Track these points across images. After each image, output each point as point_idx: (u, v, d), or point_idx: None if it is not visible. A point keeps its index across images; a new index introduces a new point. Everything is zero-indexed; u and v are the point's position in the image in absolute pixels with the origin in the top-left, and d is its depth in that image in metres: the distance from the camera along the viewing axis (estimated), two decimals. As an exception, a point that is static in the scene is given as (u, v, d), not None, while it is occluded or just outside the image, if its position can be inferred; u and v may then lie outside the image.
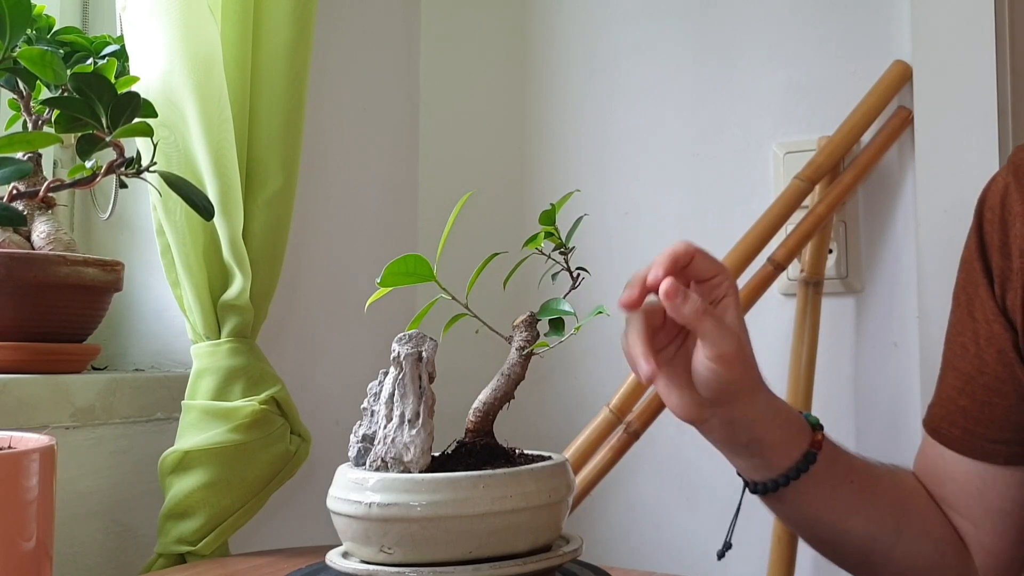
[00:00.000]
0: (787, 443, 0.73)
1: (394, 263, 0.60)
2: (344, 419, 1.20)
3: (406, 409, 0.58)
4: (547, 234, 0.65)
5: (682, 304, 0.64)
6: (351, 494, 0.57)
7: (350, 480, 0.58)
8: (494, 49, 1.37)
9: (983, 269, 0.76)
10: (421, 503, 0.54)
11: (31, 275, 0.84)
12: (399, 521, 0.55)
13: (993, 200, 0.77)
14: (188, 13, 0.87)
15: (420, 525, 0.55)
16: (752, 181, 1.17)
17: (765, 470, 0.74)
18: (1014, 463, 0.75)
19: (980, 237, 0.77)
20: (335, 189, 1.21)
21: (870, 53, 1.11)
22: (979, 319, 0.76)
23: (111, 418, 0.91)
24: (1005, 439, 0.74)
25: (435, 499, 0.55)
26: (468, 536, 0.55)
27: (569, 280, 0.66)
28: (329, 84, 1.19)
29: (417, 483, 0.55)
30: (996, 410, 0.74)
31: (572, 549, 0.60)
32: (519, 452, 0.63)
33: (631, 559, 1.22)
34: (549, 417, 1.27)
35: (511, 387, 0.62)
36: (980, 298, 0.76)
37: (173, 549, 0.87)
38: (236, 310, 0.91)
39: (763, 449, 0.72)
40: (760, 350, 1.16)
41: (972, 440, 0.76)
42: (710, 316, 0.65)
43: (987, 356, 0.75)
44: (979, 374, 0.75)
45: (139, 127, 0.67)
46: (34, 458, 0.50)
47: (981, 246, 0.77)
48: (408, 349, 0.59)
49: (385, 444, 0.58)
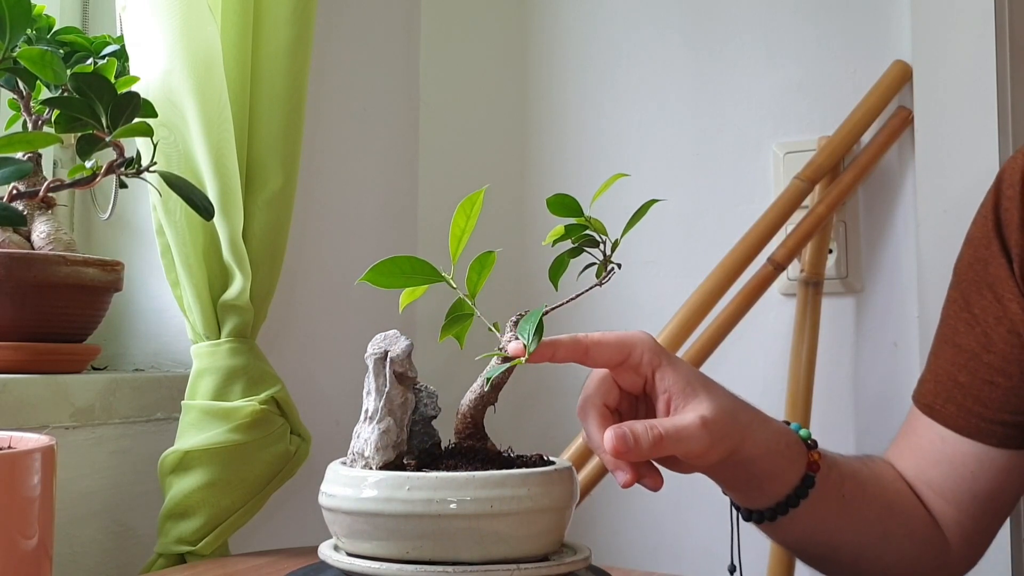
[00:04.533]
0: (785, 470, 0.69)
1: (384, 263, 0.59)
2: (344, 419, 1.20)
3: (369, 406, 0.60)
4: (574, 226, 0.61)
5: (634, 448, 0.59)
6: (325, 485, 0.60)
7: (331, 471, 0.61)
8: (494, 49, 1.37)
9: (1000, 247, 0.74)
10: (358, 497, 0.57)
11: (31, 275, 0.84)
12: (341, 513, 0.58)
13: (1013, 177, 0.75)
14: (188, 13, 0.87)
15: (354, 518, 0.57)
16: (752, 181, 1.17)
17: (762, 499, 0.70)
18: (1007, 445, 0.74)
19: (997, 215, 0.75)
20: (335, 189, 1.21)
21: (870, 53, 1.11)
22: (989, 297, 0.74)
23: (111, 418, 0.91)
24: (1002, 420, 0.73)
25: (368, 495, 0.56)
26: (401, 535, 0.56)
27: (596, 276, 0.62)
28: (329, 84, 1.19)
29: (357, 478, 0.57)
30: (998, 390, 0.73)
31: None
32: (515, 455, 0.62)
33: (631, 559, 1.22)
34: (550, 417, 1.27)
35: (492, 391, 0.60)
36: (993, 276, 0.74)
37: (173, 549, 0.87)
38: (236, 310, 0.91)
39: (761, 481, 0.69)
40: (760, 350, 1.17)
41: (967, 418, 0.74)
42: (665, 437, 0.60)
43: (995, 335, 0.73)
44: (984, 352, 0.74)
45: (139, 127, 0.67)
46: (34, 458, 0.50)
47: (998, 224, 0.75)
48: (373, 349, 0.61)
49: (355, 440, 0.61)
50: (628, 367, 0.64)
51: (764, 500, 0.70)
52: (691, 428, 0.61)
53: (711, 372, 1.08)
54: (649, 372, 0.64)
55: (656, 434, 0.60)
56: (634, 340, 0.64)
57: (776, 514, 0.70)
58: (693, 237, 1.20)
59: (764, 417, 0.69)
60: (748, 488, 0.71)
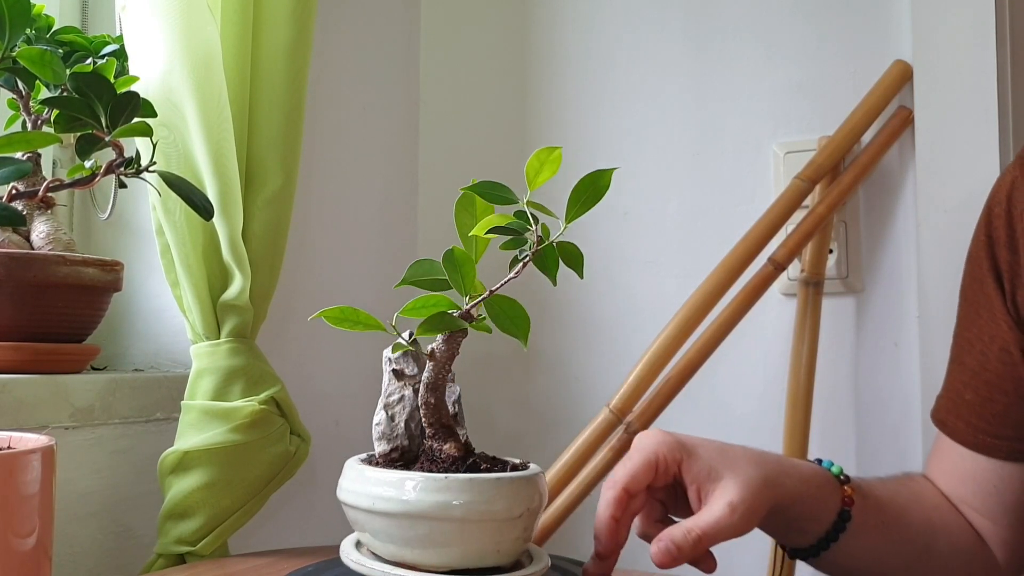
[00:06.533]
0: (820, 511, 0.71)
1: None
2: (344, 419, 1.21)
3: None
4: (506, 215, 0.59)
5: (679, 557, 0.63)
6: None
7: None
8: (494, 49, 1.37)
9: (991, 266, 0.76)
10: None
11: (30, 275, 0.84)
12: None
13: (1000, 195, 0.76)
14: (188, 13, 0.87)
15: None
16: (752, 181, 1.17)
17: (803, 539, 0.73)
18: (1014, 459, 0.75)
19: (989, 233, 0.77)
20: (335, 189, 1.21)
21: (870, 53, 1.11)
22: (983, 315, 0.76)
23: (111, 418, 0.91)
24: (1006, 435, 0.75)
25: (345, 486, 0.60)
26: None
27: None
28: (329, 84, 1.18)
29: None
30: (996, 406, 0.75)
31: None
32: (490, 458, 0.63)
33: (631, 559, 1.22)
34: (549, 417, 1.27)
35: (428, 392, 0.61)
36: (986, 295, 0.76)
37: (173, 549, 0.87)
38: (236, 310, 0.90)
39: (799, 523, 0.71)
40: (760, 350, 1.17)
41: (975, 434, 0.76)
42: (703, 537, 0.63)
43: (989, 353, 0.75)
44: (982, 370, 0.75)
45: (138, 127, 0.67)
46: (34, 458, 0.50)
47: (989, 242, 0.76)
48: (386, 354, 0.65)
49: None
50: (659, 475, 0.67)
51: (805, 539, 0.72)
52: (723, 519, 0.64)
53: (711, 372, 1.09)
54: (675, 468, 0.67)
55: (695, 537, 0.63)
56: (654, 449, 0.67)
57: (818, 550, 0.72)
58: (693, 237, 1.20)
59: (791, 465, 0.71)
60: (787, 531, 0.73)
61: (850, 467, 1.11)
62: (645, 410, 0.99)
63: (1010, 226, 0.75)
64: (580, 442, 0.99)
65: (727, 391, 1.17)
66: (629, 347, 1.19)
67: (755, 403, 1.15)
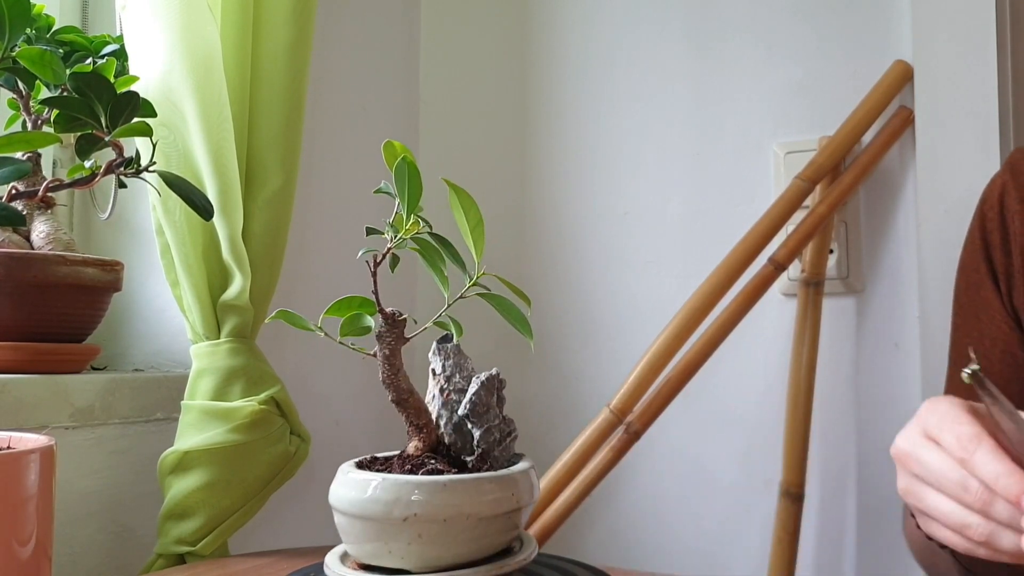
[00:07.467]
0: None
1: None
2: (344, 419, 1.21)
3: None
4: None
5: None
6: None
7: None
8: (494, 49, 1.37)
9: (988, 270, 0.76)
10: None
11: (30, 275, 0.84)
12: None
13: (992, 199, 0.78)
14: (188, 13, 0.87)
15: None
16: (752, 181, 1.17)
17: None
18: None
19: (984, 237, 0.78)
20: (335, 189, 1.21)
21: (871, 53, 1.11)
22: (983, 319, 0.76)
23: (110, 418, 0.91)
24: None
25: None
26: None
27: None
28: (329, 84, 1.18)
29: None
30: None
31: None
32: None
33: (631, 559, 1.22)
34: (549, 417, 1.27)
35: (391, 392, 0.62)
36: (984, 299, 0.76)
37: (173, 550, 0.87)
38: (236, 310, 0.90)
39: None
40: (761, 350, 1.17)
41: None
42: None
43: (992, 356, 0.75)
44: (986, 375, 0.75)
45: (138, 127, 0.67)
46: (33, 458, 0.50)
47: (985, 246, 0.77)
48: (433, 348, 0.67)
49: None
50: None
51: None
52: None
53: (711, 373, 1.09)
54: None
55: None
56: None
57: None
58: (693, 237, 1.20)
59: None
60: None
61: (849, 467, 1.11)
62: (645, 410, 0.99)
63: (1004, 229, 0.75)
64: (580, 442, 0.99)
65: (727, 391, 1.17)
66: (629, 347, 1.19)
67: (755, 403, 1.15)
